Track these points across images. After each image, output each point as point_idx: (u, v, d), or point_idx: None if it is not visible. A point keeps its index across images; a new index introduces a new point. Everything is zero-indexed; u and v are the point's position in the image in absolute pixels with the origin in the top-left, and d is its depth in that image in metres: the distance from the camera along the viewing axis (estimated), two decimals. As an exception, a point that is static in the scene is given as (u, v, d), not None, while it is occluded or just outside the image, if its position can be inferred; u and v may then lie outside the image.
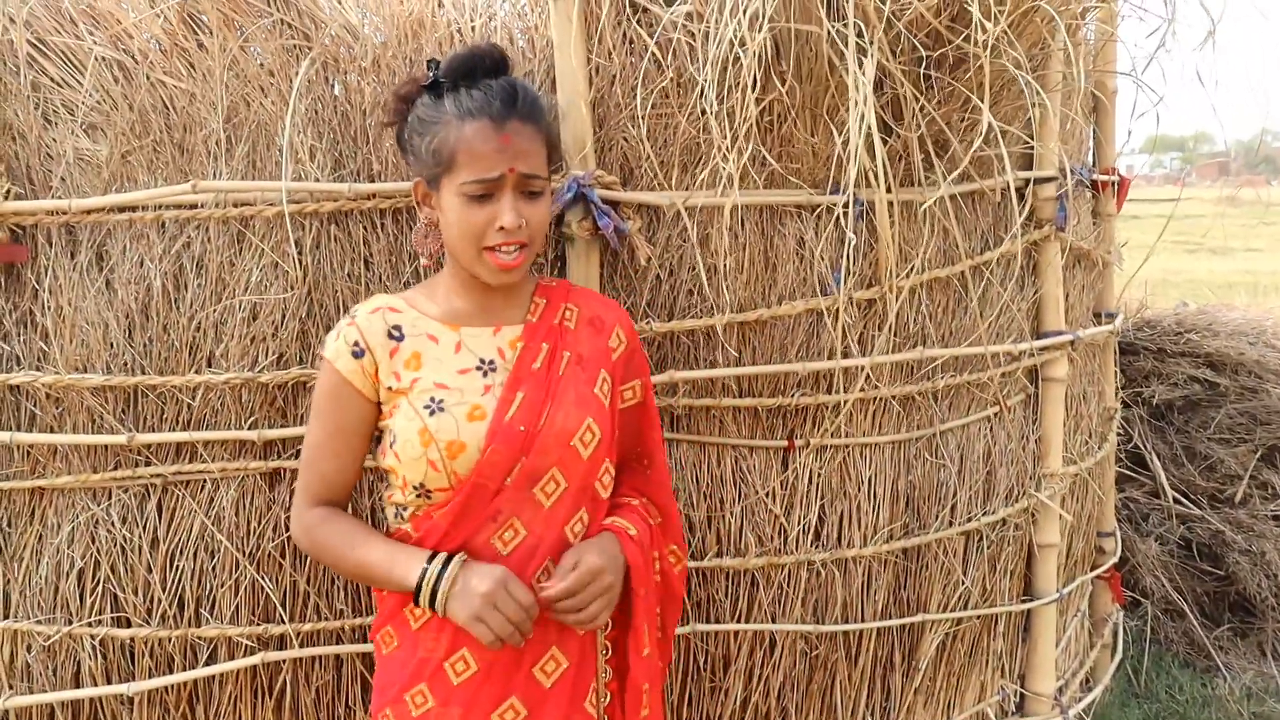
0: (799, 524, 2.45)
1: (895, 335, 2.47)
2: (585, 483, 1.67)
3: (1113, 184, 3.16)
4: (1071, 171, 2.77)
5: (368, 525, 1.71)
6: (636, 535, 1.70)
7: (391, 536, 1.67)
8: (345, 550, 1.64)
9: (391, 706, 1.63)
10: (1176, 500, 3.96)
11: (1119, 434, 3.62)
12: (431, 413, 1.58)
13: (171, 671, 2.25)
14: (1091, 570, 3.37)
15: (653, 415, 1.88)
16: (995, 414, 2.74)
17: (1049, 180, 2.70)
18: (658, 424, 1.90)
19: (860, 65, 1.98)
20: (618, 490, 1.80)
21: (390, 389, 1.63)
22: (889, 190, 2.10)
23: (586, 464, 1.65)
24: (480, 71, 1.59)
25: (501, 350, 1.67)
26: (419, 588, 1.55)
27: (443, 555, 1.57)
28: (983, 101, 2.07)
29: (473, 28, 2.22)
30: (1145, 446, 4.06)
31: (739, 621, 2.45)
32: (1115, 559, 3.44)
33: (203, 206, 2.15)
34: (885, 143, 2.11)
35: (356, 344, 1.63)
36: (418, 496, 1.62)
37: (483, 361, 1.65)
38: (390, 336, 1.64)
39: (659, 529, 1.81)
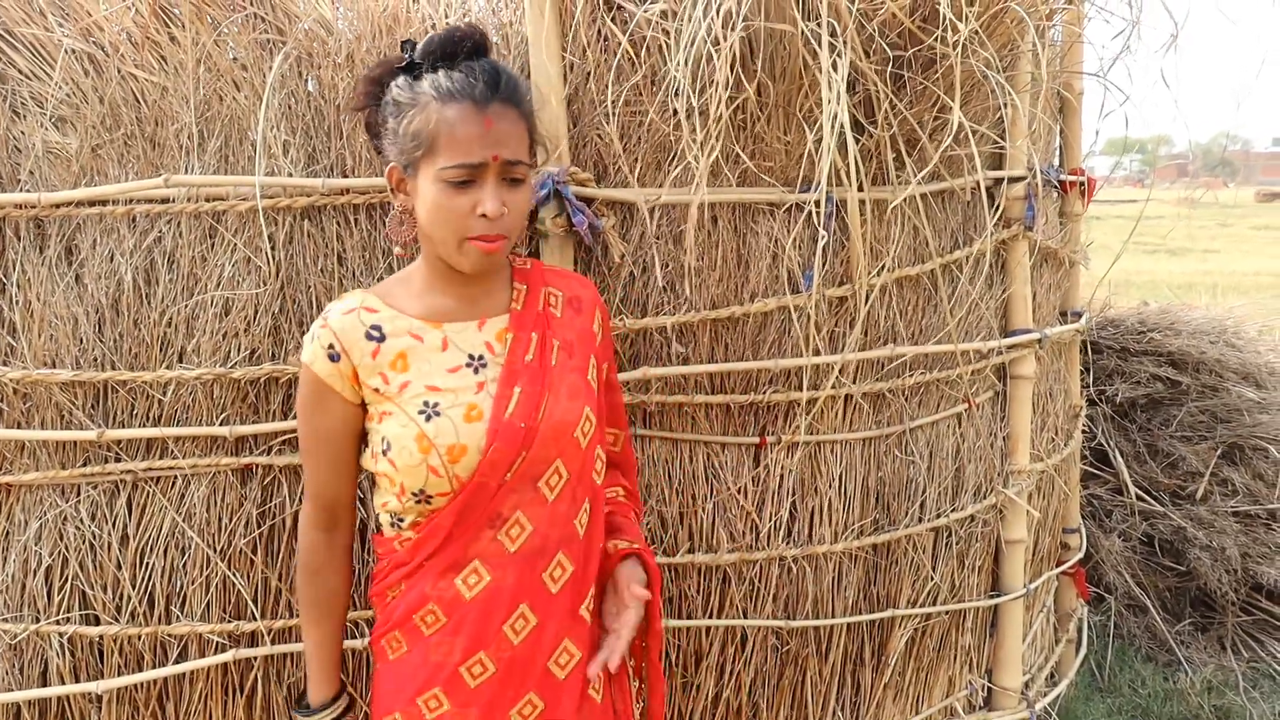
0: (770, 520, 2.46)
1: (866, 333, 2.50)
2: (584, 472, 1.65)
3: (1080, 184, 3.20)
4: (1040, 171, 2.80)
5: (341, 600, 1.74)
6: (646, 549, 1.79)
7: (388, 542, 1.65)
8: (303, 612, 1.74)
9: (402, 710, 1.60)
10: (1139, 497, 4.02)
11: (1083, 431, 3.67)
12: (428, 418, 1.53)
13: (141, 669, 2.23)
14: (1057, 566, 3.41)
15: (618, 386, 1.91)
16: (964, 411, 2.77)
17: (1018, 180, 2.74)
18: (622, 394, 1.95)
19: (833, 64, 1.99)
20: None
21: (377, 391, 1.56)
22: (861, 188, 2.12)
23: (585, 453, 1.64)
24: (462, 53, 1.52)
25: (490, 344, 1.61)
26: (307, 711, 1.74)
27: (339, 708, 1.75)
28: (953, 101, 2.09)
29: (447, 23, 2.21)
30: (1109, 444, 4.12)
31: (711, 617, 2.47)
32: (1080, 555, 3.49)
33: (174, 201, 2.14)
34: (857, 141, 2.13)
35: (331, 347, 1.56)
36: (417, 503, 1.57)
37: (472, 358, 1.59)
38: (369, 337, 1.57)
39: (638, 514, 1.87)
